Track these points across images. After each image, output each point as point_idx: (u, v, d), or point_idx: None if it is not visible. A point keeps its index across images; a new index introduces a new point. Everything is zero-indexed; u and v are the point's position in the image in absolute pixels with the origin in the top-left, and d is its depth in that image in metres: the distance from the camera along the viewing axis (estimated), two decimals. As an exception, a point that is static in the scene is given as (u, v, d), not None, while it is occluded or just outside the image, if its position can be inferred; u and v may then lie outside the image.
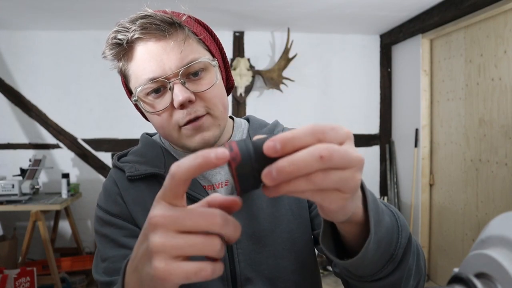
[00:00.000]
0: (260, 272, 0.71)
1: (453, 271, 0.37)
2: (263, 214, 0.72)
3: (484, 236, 0.37)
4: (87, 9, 2.94)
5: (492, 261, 0.33)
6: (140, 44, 0.65)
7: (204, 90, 0.66)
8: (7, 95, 3.47)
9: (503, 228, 0.35)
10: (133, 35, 0.64)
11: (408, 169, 3.48)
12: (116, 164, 0.77)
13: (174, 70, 0.64)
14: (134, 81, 0.68)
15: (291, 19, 3.26)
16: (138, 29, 0.64)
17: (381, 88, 3.85)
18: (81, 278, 3.14)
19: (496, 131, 2.58)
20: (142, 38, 0.65)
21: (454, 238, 3.02)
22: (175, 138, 0.69)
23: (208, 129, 0.68)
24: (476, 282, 0.33)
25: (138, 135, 3.63)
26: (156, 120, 0.69)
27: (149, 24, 0.64)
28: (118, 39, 0.65)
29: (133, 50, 0.66)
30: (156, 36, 0.65)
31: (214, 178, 0.75)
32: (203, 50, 0.69)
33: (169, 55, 0.64)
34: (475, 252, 0.36)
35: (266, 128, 0.81)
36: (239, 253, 0.72)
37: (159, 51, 0.64)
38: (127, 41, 0.65)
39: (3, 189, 2.80)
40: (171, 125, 0.68)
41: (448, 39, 3.06)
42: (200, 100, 0.67)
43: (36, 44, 3.49)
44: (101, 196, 0.76)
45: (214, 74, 0.68)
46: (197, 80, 0.67)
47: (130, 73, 0.68)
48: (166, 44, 0.65)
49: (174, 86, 0.65)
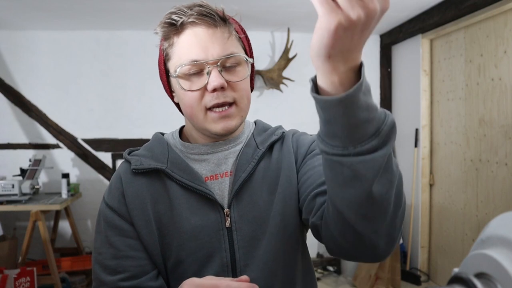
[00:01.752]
0: (257, 257, 0.76)
1: (453, 271, 0.37)
2: (262, 201, 0.78)
3: (484, 236, 0.37)
4: (87, 9, 2.94)
5: (492, 261, 0.33)
6: (191, 28, 0.72)
7: (236, 81, 0.74)
8: (7, 95, 3.47)
9: (503, 228, 0.35)
10: (188, 19, 0.71)
11: (408, 169, 3.48)
12: (125, 156, 0.83)
13: (216, 58, 0.72)
14: (176, 60, 0.74)
15: (291, 19, 3.26)
16: (195, 14, 0.71)
17: (381, 88, 3.85)
18: (81, 278, 3.13)
19: (496, 131, 2.58)
20: (195, 23, 0.72)
21: (454, 238, 3.02)
22: (200, 119, 0.75)
23: (233, 118, 0.75)
24: (476, 282, 0.33)
25: (138, 135, 3.63)
26: (187, 99, 0.75)
27: (205, 12, 0.72)
28: (173, 19, 0.72)
29: (183, 32, 0.73)
30: (207, 24, 0.72)
31: (220, 168, 0.81)
32: (241, 48, 0.78)
33: (214, 43, 0.72)
34: (475, 252, 0.36)
35: (269, 130, 0.88)
36: (239, 239, 0.76)
37: (206, 38, 0.72)
38: (181, 23, 0.71)
39: (3, 189, 2.80)
40: (199, 106, 0.74)
41: (448, 39, 3.06)
42: (231, 90, 0.74)
43: (36, 44, 3.48)
44: (107, 189, 0.82)
45: (246, 70, 0.77)
46: (231, 71, 0.74)
47: (173, 52, 0.75)
48: (213, 33, 0.72)
49: (211, 71, 0.72)
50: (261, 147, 0.82)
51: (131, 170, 0.79)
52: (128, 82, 3.56)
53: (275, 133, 0.85)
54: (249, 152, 0.81)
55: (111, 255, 0.74)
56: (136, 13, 3.01)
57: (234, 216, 0.76)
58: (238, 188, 0.77)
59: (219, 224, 0.76)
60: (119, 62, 3.55)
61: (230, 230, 0.76)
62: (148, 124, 3.57)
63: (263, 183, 0.79)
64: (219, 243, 0.75)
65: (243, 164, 0.79)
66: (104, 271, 0.74)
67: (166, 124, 3.14)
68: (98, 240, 0.77)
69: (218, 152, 0.81)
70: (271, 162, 0.82)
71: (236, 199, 0.77)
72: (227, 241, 0.76)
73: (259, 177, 0.79)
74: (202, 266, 0.76)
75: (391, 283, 3.11)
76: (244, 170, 0.78)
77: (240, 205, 0.77)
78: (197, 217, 0.76)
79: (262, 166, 0.81)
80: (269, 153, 0.83)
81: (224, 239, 0.76)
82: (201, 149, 0.81)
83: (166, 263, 0.77)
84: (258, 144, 0.83)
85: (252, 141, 0.84)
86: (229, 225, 0.76)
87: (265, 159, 0.82)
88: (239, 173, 0.78)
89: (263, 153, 0.81)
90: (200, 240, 0.75)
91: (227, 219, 0.76)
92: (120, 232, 0.76)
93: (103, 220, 0.77)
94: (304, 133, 0.89)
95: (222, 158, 0.81)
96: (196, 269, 0.76)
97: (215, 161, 0.80)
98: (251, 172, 0.78)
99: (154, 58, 4.34)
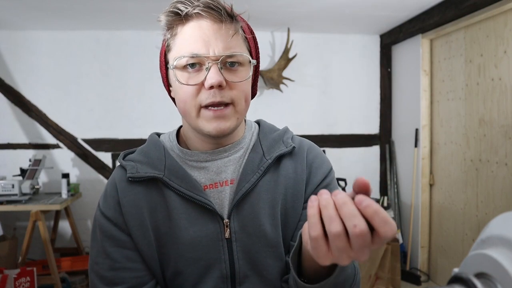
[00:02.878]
0: (256, 269, 0.75)
1: (453, 271, 0.37)
2: (263, 214, 0.75)
3: (484, 236, 0.37)
4: (87, 9, 2.94)
5: (492, 261, 0.33)
6: (195, 20, 0.69)
7: (236, 82, 0.70)
8: (7, 95, 3.47)
9: (503, 228, 0.35)
10: (194, 9, 0.68)
11: (408, 169, 3.48)
12: (120, 162, 0.79)
13: (217, 54, 0.68)
14: (176, 51, 0.71)
15: (291, 19, 3.26)
16: (201, 6, 0.68)
17: (381, 88, 3.85)
18: (81, 278, 3.13)
19: (496, 131, 2.58)
20: (200, 15, 0.68)
21: (454, 238, 3.02)
22: (193, 117, 0.72)
23: (227, 119, 0.71)
24: (476, 282, 0.33)
25: (138, 135, 3.62)
26: (182, 94, 0.72)
27: (212, 5, 0.68)
28: (178, 9, 0.68)
29: (187, 24, 0.70)
30: (213, 19, 0.69)
31: (220, 176, 0.77)
32: (246, 48, 0.74)
33: (217, 39, 0.68)
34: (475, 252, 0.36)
35: (276, 133, 0.84)
36: (239, 250, 0.74)
37: (210, 32, 0.68)
38: (186, 14, 0.68)
39: (3, 189, 2.80)
40: (193, 102, 0.71)
41: (448, 39, 3.06)
42: (229, 89, 0.70)
43: (36, 44, 3.48)
44: (102, 196, 0.78)
45: (248, 71, 0.73)
46: (232, 71, 0.71)
47: (175, 43, 0.71)
48: (218, 28, 0.69)
49: (211, 68, 0.68)
50: (268, 157, 0.78)
51: (126, 177, 0.75)
52: (128, 82, 3.56)
53: (284, 142, 0.81)
54: (255, 161, 0.77)
55: (108, 266, 0.72)
56: (136, 13, 3.01)
57: (234, 227, 0.74)
58: (239, 199, 0.74)
59: (218, 235, 0.73)
60: (119, 62, 3.55)
61: (229, 241, 0.74)
62: (148, 124, 3.57)
63: (266, 196, 0.76)
64: (218, 254, 0.73)
65: (248, 174, 0.76)
66: (101, 282, 0.72)
67: (166, 124, 3.14)
68: (94, 249, 0.75)
69: (217, 159, 0.77)
70: (279, 176, 0.78)
71: (237, 209, 0.75)
72: (227, 252, 0.74)
73: (262, 189, 0.76)
74: (201, 277, 0.74)
75: (391, 283, 3.10)
76: (248, 180, 0.75)
77: (240, 216, 0.75)
78: (195, 228, 0.73)
79: (267, 179, 0.77)
80: (276, 164, 0.79)
81: (224, 250, 0.74)
82: (200, 156, 0.77)
83: (165, 273, 0.75)
84: (264, 152, 0.79)
85: (258, 146, 0.80)
86: (228, 236, 0.74)
87: (271, 172, 0.78)
88: (242, 183, 0.75)
89: (269, 164, 0.77)
90: (198, 251, 0.73)
91: (227, 229, 0.74)
92: (117, 243, 0.73)
93: (99, 229, 0.75)
94: (320, 153, 0.84)
95: (222, 166, 0.77)
96: (195, 279, 0.74)
97: (215, 169, 0.77)
98: (255, 183, 0.75)
99: (154, 58, 4.36)
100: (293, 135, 0.85)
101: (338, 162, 3.73)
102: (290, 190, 0.78)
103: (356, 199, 0.44)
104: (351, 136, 3.83)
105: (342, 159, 3.77)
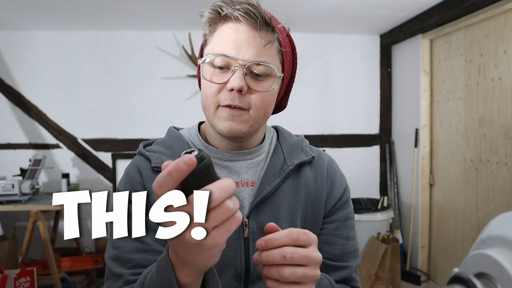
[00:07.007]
0: None
1: (453, 271, 0.37)
2: (282, 219, 0.77)
3: (484, 236, 0.37)
4: (87, 9, 2.94)
5: (492, 261, 0.33)
6: (233, 22, 0.71)
7: (257, 90, 0.72)
8: (7, 95, 3.47)
9: (503, 228, 0.35)
10: (233, 12, 0.70)
11: (408, 169, 3.48)
12: (142, 152, 0.79)
13: (245, 59, 0.70)
14: (210, 48, 0.73)
15: (291, 19, 3.26)
16: (241, 10, 0.70)
17: (381, 88, 3.85)
18: (81, 278, 3.13)
19: (496, 131, 2.58)
20: (238, 19, 0.70)
21: (454, 238, 3.02)
22: (210, 113, 0.74)
23: (240, 123, 0.72)
24: (476, 282, 0.33)
25: (138, 135, 3.62)
26: (205, 89, 0.74)
27: (251, 12, 0.70)
28: (220, 8, 0.71)
29: (225, 24, 0.72)
30: (250, 25, 0.70)
31: (241, 177, 0.79)
32: (278, 61, 0.75)
33: (250, 45, 0.70)
34: (475, 252, 0.36)
35: (294, 139, 0.86)
36: (255, 250, 0.74)
37: (244, 37, 0.70)
38: (225, 14, 0.71)
39: (3, 189, 2.80)
40: (213, 99, 0.72)
41: (448, 39, 3.06)
42: (249, 97, 0.72)
43: (36, 44, 3.48)
44: (121, 181, 0.78)
45: (273, 83, 0.73)
46: (257, 80, 0.72)
47: (212, 40, 0.74)
48: (253, 35, 0.71)
49: (236, 71, 0.70)
50: (289, 163, 0.80)
51: (151, 167, 0.75)
52: (128, 82, 3.56)
53: (304, 150, 0.84)
54: (277, 165, 0.80)
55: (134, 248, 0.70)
56: (136, 13, 3.01)
57: (253, 227, 0.76)
58: (260, 200, 0.76)
59: (237, 233, 0.75)
60: (119, 62, 3.55)
61: (247, 241, 0.76)
62: (148, 124, 3.57)
63: (286, 203, 0.78)
64: (235, 252, 0.75)
65: (269, 177, 0.78)
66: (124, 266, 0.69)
67: (166, 124, 3.12)
68: None
69: (241, 160, 0.80)
70: (299, 184, 0.80)
71: (257, 210, 0.76)
72: (243, 251, 0.75)
73: (283, 195, 0.78)
74: None
75: (391, 283, 3.10)
76: (270, 183, 0.77)
77: (260, 217, 0.76)
78: None
79: (288, 186, 0.79)
80: (297, 172, 0.81)
81: (241, 249, 0.75)
82: (224, 155, 0.79)
83: None
84: (286, 157, 0.81)
85: (279, 150, 0.82)
86: (247, 235, 0.76)
87: (292, 178, 0.80)
88: (264, 185, 0.77)
89: (290, 170, 0.79)
90: None
91: (246, 229, 0.76)
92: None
93: None
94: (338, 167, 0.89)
95: (244, 167, 0.79)
96: None
97: (237, 169, 0.79)
98: (276, 187, 0.77)
99: (154, 58, 4.34)
100: (309, 145, 0.88)
101: (338, 162, 3.65)
102: (310, 200, 0.80)
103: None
104: (351, 136, 3.83)
105: (342, 159, 3.77)
